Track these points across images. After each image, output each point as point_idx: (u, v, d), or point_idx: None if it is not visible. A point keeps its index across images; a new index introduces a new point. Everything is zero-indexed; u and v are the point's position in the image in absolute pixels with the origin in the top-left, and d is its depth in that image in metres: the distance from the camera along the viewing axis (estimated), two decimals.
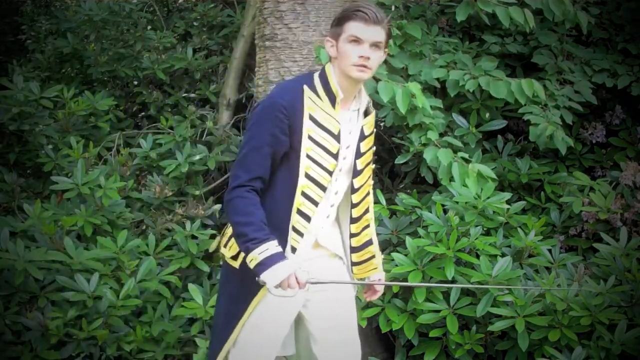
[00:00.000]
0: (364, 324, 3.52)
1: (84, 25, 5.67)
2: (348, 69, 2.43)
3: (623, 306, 3.33)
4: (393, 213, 3.94)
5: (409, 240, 3.58)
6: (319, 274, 2.54)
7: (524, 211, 4.00)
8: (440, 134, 3.96)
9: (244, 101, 5.15)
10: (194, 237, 4.00)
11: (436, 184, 4.00)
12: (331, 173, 2.52)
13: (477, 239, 3.52)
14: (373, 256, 2.73)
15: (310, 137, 2.46)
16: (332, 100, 2.48)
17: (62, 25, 6.02)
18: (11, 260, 3.34)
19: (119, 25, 5.81)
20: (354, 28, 2.40)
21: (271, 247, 2.36)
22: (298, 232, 2.51)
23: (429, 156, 3.80)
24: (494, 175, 3.81)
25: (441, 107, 4.07)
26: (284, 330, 2.60)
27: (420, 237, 3.60)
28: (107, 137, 4.91)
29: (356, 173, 2.60)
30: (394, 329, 3.49)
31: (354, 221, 2.66)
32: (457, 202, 3.68)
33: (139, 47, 5.55)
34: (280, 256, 2.37)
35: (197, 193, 4.43)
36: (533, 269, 3.64)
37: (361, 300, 3.46)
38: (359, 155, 2.59)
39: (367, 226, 2.71)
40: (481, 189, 3.70)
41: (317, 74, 2.53)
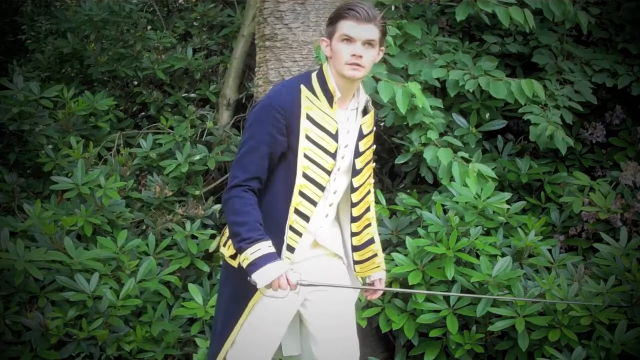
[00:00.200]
0: (364, 324, 3.52)
1: (84, 25, 5.67)
2: (341, 68, 2.43)
3: (623, 306, 3.33)
4: (393, 213, 3.94)
5: (409, 240, 3.58)
6: (317, 273, 2.55)
7: (524, 211, 4.00)
8: (440, 134, 3.96)
9: (244, 101, 5.15)
10: (194, 237, 4.00)
11: (436, 184, 4.00)
12: (329, 172, 2.52)
13: (477, 239, 3.52)
14: (375, 255, 2.73)
15: (308, 136, 2.46)
16: (330, 99, 2.49)
17: (62, 25, 6.02)
18: (11, 260, 3.34)
19: (119, 25, 5.81)
20: (345, 27, 2.41)
21: (263, 247, 2.37)
22: (296, 231, 2.51)
23: (429, 156, 3.80)
24: (494, 175, 3.81)
25: (441, 107, 4.07)
26: (281, 330, 2.60)
27: (420, 237, 3.60)
28: (107, 137, 4.91)
29: (355, 172, 2.60)
30: (394, 329, 3.49)
31: (354, 220, 2.66)
32: (457, 202, 3.68)
33: (139, 47, 5.55)
34: (272, 256, 2.37)
35: (197, 193, 4.43)
36: (533, 269, 3.64)
37: (361, 300, 3.47)
38: (357, 154, 2.59)
39: (368, 225, 2.71)
40: (481, 188, 3.70)
41: (314, 73, 2.54)
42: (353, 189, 2.61)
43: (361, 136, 2.60)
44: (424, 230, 3.64)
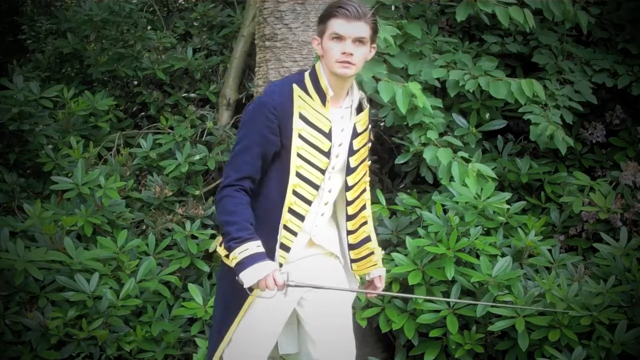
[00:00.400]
0: (364, 324, 3.52)
1: (84, 25, 5.67)
2: (332, 66, 2.43)
3: (623, 306, 3.33)
4: (393, 213, 3.94)
5: (409, 240, 3.58)
6: (313, 273, 2.55)
7: (524, 211, 4.00)
8: (440, 134, 3.96)
9: (244, 101, 5.15)
10: (194, 237, 4.01)
11: (436, 184, 4.00)
12: (324, 171, 2.52)
13: (477, 239, 3.51)
14: (372, 252, 2.71)
15: (301, 135, 2.46)
16: (323, 98, 2.48)
17: (62, 25, 6.02)
18: (11, 260, 3.34)
19: (119, 25, 5.81)
20: (335, 25, 2.40)
21: (251, 247, 2.37)
22: (291, 230, 2.51)
23: (428, 156, 3.80)
24: (494, 175, 3.81)
25: (441, 107, 4.07)
26: (277, 329, 2.60)
27: (420, 237, 3.60)
28: (107, 137, 4.91)
29: (349, 171, 2.59)
30: (394, 329, 3.49)
31: (350, 218, 2.65)
32: (457, 202, 3.68)
33: (139, 47, 5.55)
34: (260, 256, 2.37)
35: (197, 193, 4.43)
36: (533, 269, 3.64)
37: (361, 300, 3.47)
38: (351, 152, 2.58)
39: (364, 223, 2.70)
40: (481, 188, 3.70)
41: (307, 72, 2.53)
42: (348, 187, 2.61)
43: (355, 134, 2.59)
44: (424, 230, 3.64)
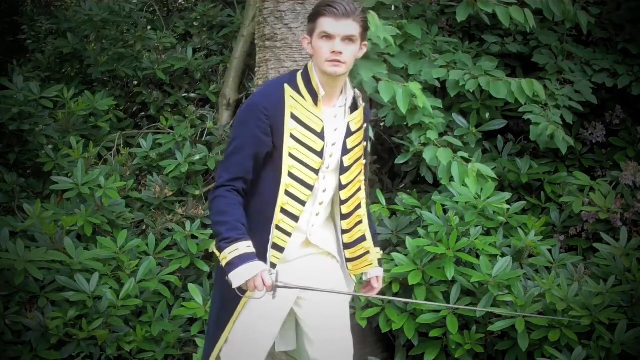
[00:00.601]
0: (364, 324, 3.52)
1: (84, 25, 5.67)
2: (322, 65, 2.42)
3: (623, 306, 3.33)
4: (393, 213, 3.94)
5: (409, 240, 3.58)
6: (308, 273, 2.55)
7: (524, 211, 4.00)
8: (440, 134, 3.96)
9: (244, 101, 5.14)
10: (194, 237, 4.01)
11: (436, 184, 4.00)
12: (317, 171, 2.51)
13: (477, 239, 3.51)
14: (367, 252, 2.69)
15: (293, 136, 2.45)
16: (314, 97, 2.47)
17: (62, 25, 6.02)
18: (11, 260, 3.34)
19: (119, 25, 5.81)
20: (324, 24, 2.39)
21: (241, 247, 2.36)
22: (284, 231, 2.50)
23: (428, 156, 3.80)
24: (494, 175, 3.81)
25: (441, 107, 4.07)
26: (275, 328, 2.60)
27: (420, 237, 3.60)
28: (107, 137, 4.92)
29: (343, 170, 2.58)
30: (394, 329, 3.49)
31: (344, 217, 2.64)
32: (457, 202, 3.68)
33: (139, 47, 5.55)
34: (250, 257, 2.36)
35: (197, 193, 4.43)
36: (533, 269, 3.64)
37: (361, 300, 3.47)
38: (345, 151, 2.57)
39: (359, 222, 2.67)
40: (481, 188, 3.70)
41: (300, 72, 2.52)
42: (341, 186, 2.59)
43: (349, 133, 2.57)
44: (424, 230, 3.64)
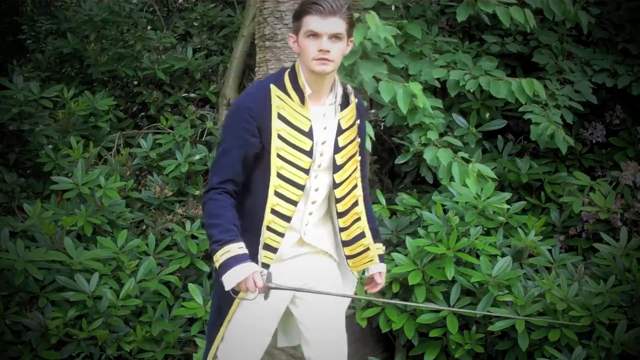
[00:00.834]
0: (364, 324, 3.52)
1: (84, 25, 5.68)
2: (309, 64, 2.39)
3: (623, 306, 3.33)
4: (393, 213, 3.94)
5: (409, 240, 3.58)
6: (303, 272, 2.55)
7: (524, 211, 4.00)
8: (440, 134, 3.96)
9: None
10: (194, 237, 4.01)
11: (436, 184, 4.00)
12: (307, 171, 2.49)
13: (477, 239, 3.51)
14: (367, 249, 2.67)
15: (280, 136, 2.44)
16: (301, 96, 2.46)
17: (62, 25, 6.03)
18: (11, 260, 3.34)
19: (119, 25, 5.82)
20: (310, 22, 2.36)
21: (233, 249, 2.36)
22: (275, 231, 2.49)
23: (429, 156, 3.80)
24: (494, 175, 3.81)
25: (441, 107, 4.07)
26: (270, 327, 2.60)
27: (420, 237, 3.60)
28: (107, 137, 4.92)
29: (336, 168, 2.56)
30: (394, 329, 3.49)
31: (340, 215, 2.62)
32: (457, 202, 3.68)
33: (139, 47, 5.56)
34: (242, 258, 2.36)
35: (197, 193, 4.43)
36: (533, 269, 3.64)
37: (361, 300, 3.47)
38: (337, 150, 2.55)
39: (357, 219, 2.66)
40: (481, 189, 3.70)
41: (287, 71, 2.50)
42: (335, 184, 2.57)
43: (340, 131, 2.55)
44: (424, 230, 3.63)
